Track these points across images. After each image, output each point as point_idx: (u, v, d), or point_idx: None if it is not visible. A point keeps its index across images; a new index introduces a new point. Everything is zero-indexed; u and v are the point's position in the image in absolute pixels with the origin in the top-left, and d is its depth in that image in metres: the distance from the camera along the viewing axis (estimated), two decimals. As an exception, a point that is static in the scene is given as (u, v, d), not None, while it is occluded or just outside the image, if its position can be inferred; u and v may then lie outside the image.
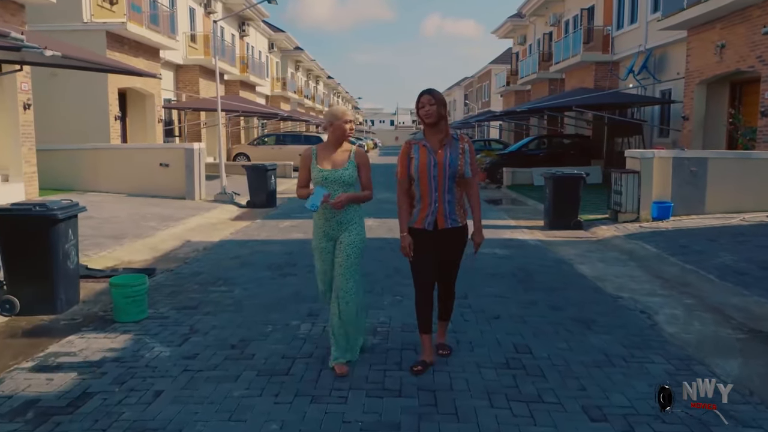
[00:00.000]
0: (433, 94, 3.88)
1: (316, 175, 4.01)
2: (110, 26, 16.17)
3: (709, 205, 10.48)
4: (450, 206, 3.90)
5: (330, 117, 4.07)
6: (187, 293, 6.09)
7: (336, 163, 4.01)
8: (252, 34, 32.79)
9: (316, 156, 4.06)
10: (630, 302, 5.76)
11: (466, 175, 3.91)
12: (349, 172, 3.99)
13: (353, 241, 4.03)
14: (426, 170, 3.86)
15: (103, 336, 4.77)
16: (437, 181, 3.85)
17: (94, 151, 14.32)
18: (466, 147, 3.94)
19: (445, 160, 3.85)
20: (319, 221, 4.09)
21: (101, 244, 8.30)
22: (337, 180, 3.96)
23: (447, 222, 3.91)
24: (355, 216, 4.08)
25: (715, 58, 13.94)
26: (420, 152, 3.90)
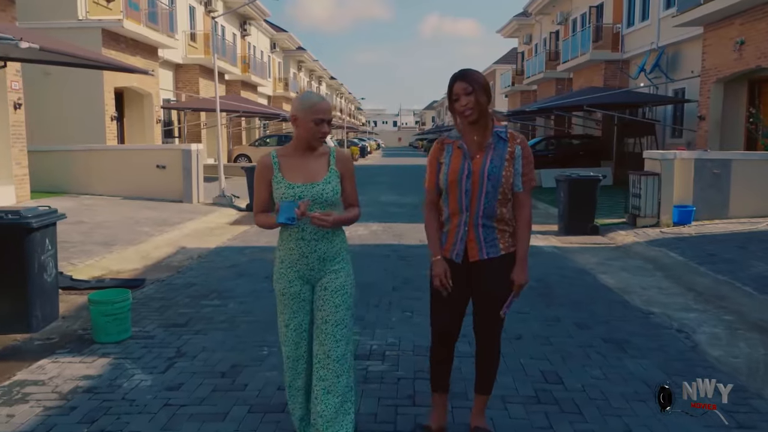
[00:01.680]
0: (469, 79, 2.75)
1: (284, 193, 2.75)
2: (106, 24, 15.70)
3: (733, 209, 9.93)
4: (486, 231, 2.83)
5: (294, 108, 2.79)
6: (176, 308, 5.57)
7: (310, 173, 2.78)
8: (254, 34, 32.31)
9: (279, 165, 2.80)
10: (664, 319, 5.22)
11: (515, 189, 2.82)
12: (331, 186, 2.78)
13: (343, 286, 2.84)
14: (456, 181, 2.79)
15: (79, 360, 4.25)
16: (470, 197, 2.79)
17: (88, 153, 13.82)
18: (517, 150, 2.80)
19: (484, 168, 2.76)
20: (290, 255, 2.82)
21: (89, 251, 7.79)
22: (317, 198, 2.74)
23: (482, 251, 2.84)
24: (343, 248, 2.89)
25: (733, 55, 13.37)
26: (453, 156, 2.83)
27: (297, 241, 2.80)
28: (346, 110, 74.62)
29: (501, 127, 2.85)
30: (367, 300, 5.70)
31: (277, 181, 2.79)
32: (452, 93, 2.79)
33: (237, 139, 29.20)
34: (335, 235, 2.86)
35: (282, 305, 2.90)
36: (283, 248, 2.87)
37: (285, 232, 2.84)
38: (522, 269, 2.87)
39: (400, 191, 17.19)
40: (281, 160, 2.82)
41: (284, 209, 2.63)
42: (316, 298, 2.87)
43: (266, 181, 2.83)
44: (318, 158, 2.83)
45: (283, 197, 2.75)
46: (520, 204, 2.87)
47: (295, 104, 2.81)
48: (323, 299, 2.84)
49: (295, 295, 2.86)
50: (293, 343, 2.90)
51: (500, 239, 2.86)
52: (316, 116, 2.73)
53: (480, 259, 2.85)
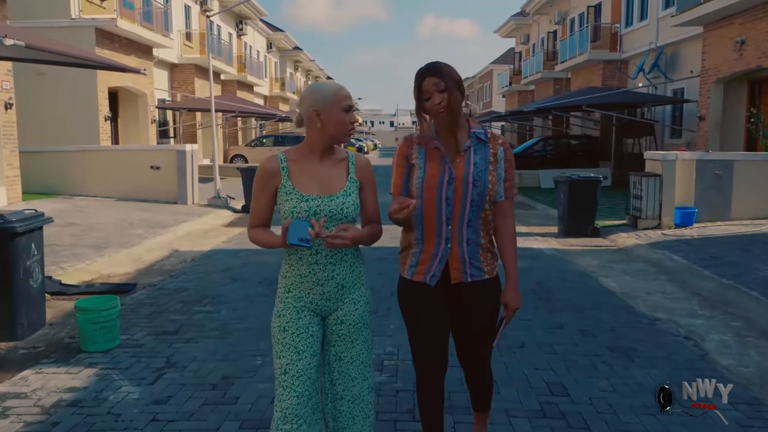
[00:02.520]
0: (441, 74, 2.34)
1: (295, 207, 2.25)
2: (100, 23, 15.49)
3: (735, 211, 9.79)
4: (471, 248, 2.41)
5: (313, 102, 2.28)
6: (167, 314, 5.40)
7: (328, 183, 2.31)
8: (250, 33, 32.11)
9: (289, 172, 2.30)
10: (670, 325, 5.07)
11: (497, 197, 2.45)
12: (352, 198, 2.31)
13: (362, 318, 2.39)
14: (436, 190, 2.36)
15: (64, 371, 4.08)
16: (452, 208, 2.36)
17: (81, 153, 13.61)
18: (500, 152, 2.45)
19: (467, 172, 2.36)
20: (301, 283, 2.32)
21: (80, 254, 7.61)
22: (335, 214, 2.27)
23: (466, 273, 2.43)
24: (363, 272, 2.43)
25: (733, 55, 13.25)
26: (429, 158, 2.40)
27: (310, 266, 2.28)
28: (343, 110, 74.30)
29: (479, 127, 2.49)
30: (365, 306, 5.53)
31: (287, 192, 2.27)
32: (421, 90, 2.35)
33: (233, 140, 29.00)
34: (355, 257, 2.36)
35: (281, 346, 2.29)
36: (291, 275, 2.32)
37: (294, 256, 2.31)
38: (515, 290, 2.49)
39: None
40: (291, 165, 2.30)
41: (296, 228, 2.12)
42: (328, 333, 2.38)
43: (270, 190, 2.31)
44: (336, 165, 2.34)
45: (293, 212, 2.24)
46: (502, 214, 2.48)
47: (312, 97, 2.29)
48: (339, 334, 2.36)
49: (302, 330, 2.29)
50: (296, 395, 2.24)
51: (484, 261, 2.46)
52: (346, 102, 2.27)
53: (463, 282, 2.43)
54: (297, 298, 2.32)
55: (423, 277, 2.45)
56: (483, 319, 2.52)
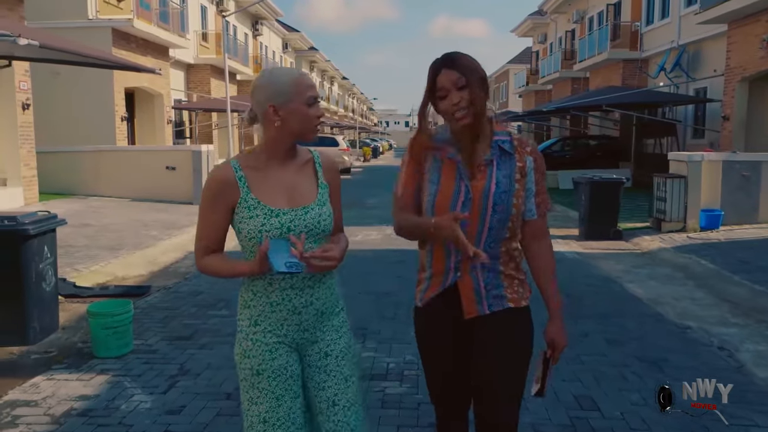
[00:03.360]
0: (461, 67, 1.89)
1: (263, 225, 1.84)
2: (116, 23, 15.53)
3: (763, 214, 9.50)
4: (489, 276, 1.97)
5: (268, 95, 1.85)
6: (181, 318, 5.29)
7: (297, 192, 1.91)
8: (266, 34, 32.12)
9: (248, 182, 1.88)
10: (701, 334, 4.86)
11: (527, 216, 2.00)
12: (327, 208, 1.94)
13: (348, 347, 2.02)
14: (448, 209, 1.92)
15: (76, 377, 3.97)
16: (465, 232, 1.87)
17: (97, 153, 13.63)
18: (528, 163, 1.98)
19: (488, 192, 1.91)
20: (273, 314, 1.91)
21: (95, 256, 7.55)
22: (312, 228, 1.89)
23: (482, 303, 1.97)
24: (339, 294, 2.06)
25: (760, 53, 12.90)
26: (443, 171, 1.96)
27: (284, 291, 1.87)
28: (359, 110, 74.43)
29: (502, 133, 1.99)
30: (382, 312, 5.39)
31: (250, 208, 1.84)
32: (436, 87, 1.90)
33: (249, 140, 28.97)
34: (332, 276, 1.99)
35: (256, 391, 1.90)
36: (257, 304, 1.90)
37: (261, 281, 1.87)
38: (560, 324, 2.01)
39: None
40: (250, 174, 1.87)
41: (275, 251, 1.73)
42: (311, 372, 1.95)
43: (225, 206, 1.86)
44: (301, 169, 1.94)
45: (262, 231, 1.82)
46: (535, 234, 2.01)
47: (267, 89, 1.85)
48: (326, 371, 1.94)
49: (280, 372, 1.89)
50: None
51: (507, 287, 1.99)
52: (309, 93, 1.85)
53: (479, 315, 1.97)
54: (268, 333, 1.90)
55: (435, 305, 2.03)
56: (505, 363, 1.96)
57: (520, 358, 2.01)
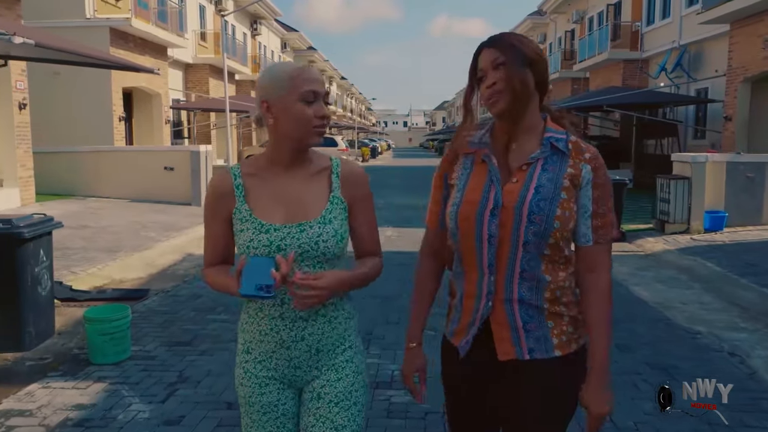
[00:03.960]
0: (501, 44, 1.58)
1: (251, 241, 1.62)
2: (114, 22, 15.41)
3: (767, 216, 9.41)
4: (528, 312, 1.60)
5: (263, 91, 1.65)
6: (181, 323, 5.18)
7: (298, 205, 1.66)
8: (264, 33, 32.01)
9: (245, 191, 1.68)
10: (712, 340, 4.77)
11: (580, 241, 1.62)
12: (333, 227, 1.64)
13: (348, 392, 1.71)
14: (473, 219, 1.60)
15: (72, 385, 3.86)
16: (494, 249, 1.58)
17: (95, 154, 13.50)
18: (585, 173, 1.59)
19: (523, 199, 1.57)
20: (261, 343, 1.69)
21: (92, 258, 7.43)
22: (309, 251, 1.62)
23: (520, 346, 1.60)
24: (349, 329, 1.74)
25: (762, 53, 12.83)
26: (473, 175, 1.65)
27: (272, 320, 1.64)
28: (357, 110, 74.33)
29: (559, 131, 1.62)
30: (387, 316, 5.28)
31: (242, 219, 1.64)
32: (476, 69, 1.61)
33: (247, 140, 28.89)
34: (337, 308, 1.69)
35: (248, 419, 1.74)
36: (250, 329, 1.70)
37: (253, 305, 1.68)
38: (601, 386, 1.60)
39: (414, 193, 16.74)
40: (248, 182, 1.67)
41: (253, 270, 1.50)
42: (302, 411, 1.72)
43: (223, 216, 1.68)
44: (311, 179, 1.67)
45: (249, 247, 1.60)
46: (589, 266, 1.62)
47: (261, 84, 1.65)
48: (315, 415, 1.68)
49: (269, 409, 1.71)
50: None
51: (554, 327, 1.60)
52: (306, 87, 1.58)
53: (517, 359, 1.60)
54: (258, 363, 1.69)
55: (461, 342, 1.67)
56: (547, 417, 1.63)
57: (563, 420, 1.66)
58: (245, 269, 1.51)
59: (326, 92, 1.64)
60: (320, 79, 1.64)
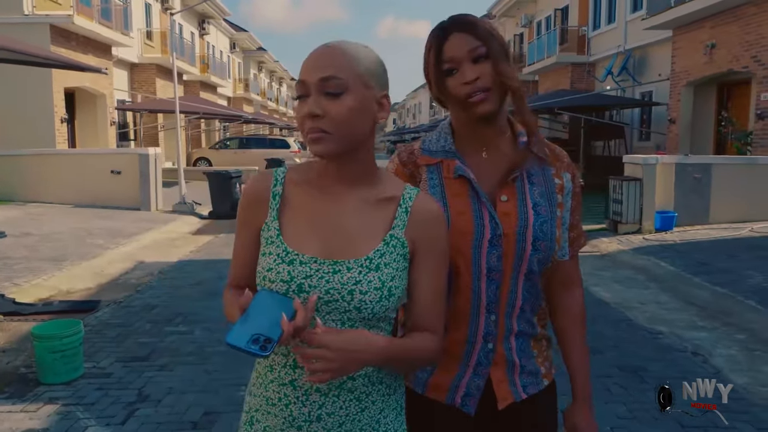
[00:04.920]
0: (478, 30, 1.31)
1: (272, 270, 1.18)
2: (55, 19, 14.72)
3: (714, 215, 9.75)
4: (522, 342, 1.41)
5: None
6: (136, 336, 4.93)
7: (342, 235, 1.21)
8: (213, 33, 31.33)
9: (282, 202, 1.25)
10: (674, 340, 4.86)
11: (558, 254, 1.41)
12: (383, 275, 1.17)
13: None
14: (470, 256, 1.33)
15: (20, 408, 3.59)
16: (498, 283, 1.34)
17: (36, 157, 12.86)
18: (566, 182, 1.42)
19: (524, 224, 1.34)
20: (269, 411, 1.22)
21: (36, 268, 7.02)
22: (339, 300, 1.16)
23: (516, 385, 1.39)
24: (387, 409, 1.24)
25: (703, 59, 13.35)
26: (450, 197, 1.35)
27: (281, 387, 1.20)
28: (308, 112, 73.53)
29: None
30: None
31: (267, 239, 1.23)
32: (442, 57, 1.32)
33: (196, 142, 28.20)
34: (374, 382, 1.22)
35: None
36: (257, 393, 1.26)
37: (264, 361, 1.24)
38: (591, 413, 1.48)
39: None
40: (290, 192, 1.26)
41: (258, 311, 1.08)
42: None
43: (251, 228, 1.27)
44: (369, 206, 1.23)
45: (265, 279, 1.20)
46: (564, 281, 1.46)
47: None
48: None
49: None
50: None
51: (538, 355, 1.43)
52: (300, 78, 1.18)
53: (515, 402, 1.39)
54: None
55: (446, 396, 1.38)
56: None
57: None
58: (250, 308, 1.08)
59: (323, 78, 1.13)
60: (318, 61, 1.16)
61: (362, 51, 1.19)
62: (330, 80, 1.13)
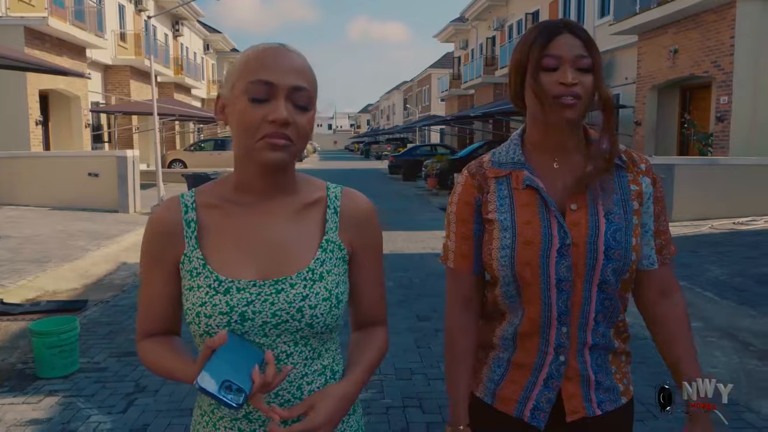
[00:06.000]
0: (587, 41, 1.29)
1: (206, 303, 1.09)
2: (29, 21, 14.63)
3: (676, 213, 10.23)
4: (598, 357, 1.35)
5: (225, 79, 1.15)
6: (127, 333, 5.10)
7: (277, 251, 1.14)
8: (186, 34, 31.22)
9: (199, 228, 1.15)
10: (638, 330, 5.17)
11: (643, 264, 1.39)
12: (327, 284, 1.13)
13: None
14: (538, 267, 1.30)
15: (22, 401, 3.77)
16: (568, 295, 1.30)
17: (11, 160, 12.81)
18: (645, 187, 1.37)
19: (595, 234, 1.29)
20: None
21: (20, 270, 7.12)
22: (288, 320, 1.10)
23: (590, 400, 1.35)
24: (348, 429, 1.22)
25: (667, 63, 13.91)
26: (518, 207, 1.33)
27: (233, 422, 1.14)
28: (282, 113, 73.37)
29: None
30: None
31: (192, 272, 1.13)
32: (547, 52, 1.26)
33: (171, 144, 28.09)
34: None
35: None
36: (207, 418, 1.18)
37: (207, 398, 1.17)
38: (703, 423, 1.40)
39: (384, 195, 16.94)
40: (205, 216, 1.16)
41: (228, 356, 1.00)
42: None
43: (166, 267, 1.16)
44: (296, 215, 1.17)
45: (200, 315, 1.10)
46: (661, 290, 1.41)
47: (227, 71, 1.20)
48: None
49: None
50: None
51: (616, 372, 1.38)
52: (255, 76, 1.06)
53: (588, 417, 1.34)
54: None
55: (515, 409, 1.36)
56: None
57: None
58: (221, 351, 0.99)
59: (296, 87, 1.07)
60: (287, 66, 1.08)
61: None
62: (302, 91, 1.08)
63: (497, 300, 1.38)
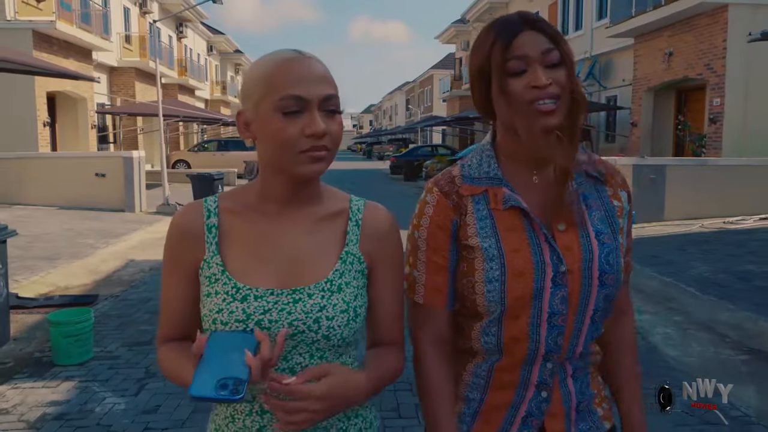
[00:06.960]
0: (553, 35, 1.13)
1: (223, 310, 1.08)
2: (37, 24, 14.98)
3: (668, 213, 10.51)
4: (581, 384, 1.22)
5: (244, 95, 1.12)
6: (137, 324, 5.40)
7: (296, 262, 1.13)
8: (190, 36, 31.58)
9: (220, 235, 1.15)
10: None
11: None
12: (345, 296, 1.11)
13: None
14: (529, 299, 1.13)
15: (42, 385, 4.06)
16: (562, 328, 1.15)
17: (19, 161, 13.13)
18: (624, 201, 1.23)
19: (590, 258, 1.15)
20: None
21: (32, 267, 7.42)
22: (305, 330, 1.08)
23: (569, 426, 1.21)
24: None
25: (662, 66, 14.17)
26: (502, 231, 1.15)
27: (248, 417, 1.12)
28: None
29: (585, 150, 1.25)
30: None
31: (210, 278, 1.13)
32: (510, 54, 1.11)
33: (175, 145, 28.42)
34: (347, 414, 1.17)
35: None
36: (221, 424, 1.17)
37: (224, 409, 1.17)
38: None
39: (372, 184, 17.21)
40: (227, 222, 1.16)
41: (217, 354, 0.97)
42: None
43: (186, 269, 1.16)
44: (317, 225, 1.17)
45: (217, 322, 1.09)
46: (621, 309, 1.31)
47: (241, 85, 1.20)
48: None
49: None
50: None
51: (596, 396, 1.27)
52: (284, 92, 1.05)
53: None
54: None
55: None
56: None
57: None
58: (207, 352, 0.97)
59: (327, 96, 1.08)
60: (313, 76, 1.08)
61: None
62: (332, 98, 1.09)
63: (472, 336, 1.20)
